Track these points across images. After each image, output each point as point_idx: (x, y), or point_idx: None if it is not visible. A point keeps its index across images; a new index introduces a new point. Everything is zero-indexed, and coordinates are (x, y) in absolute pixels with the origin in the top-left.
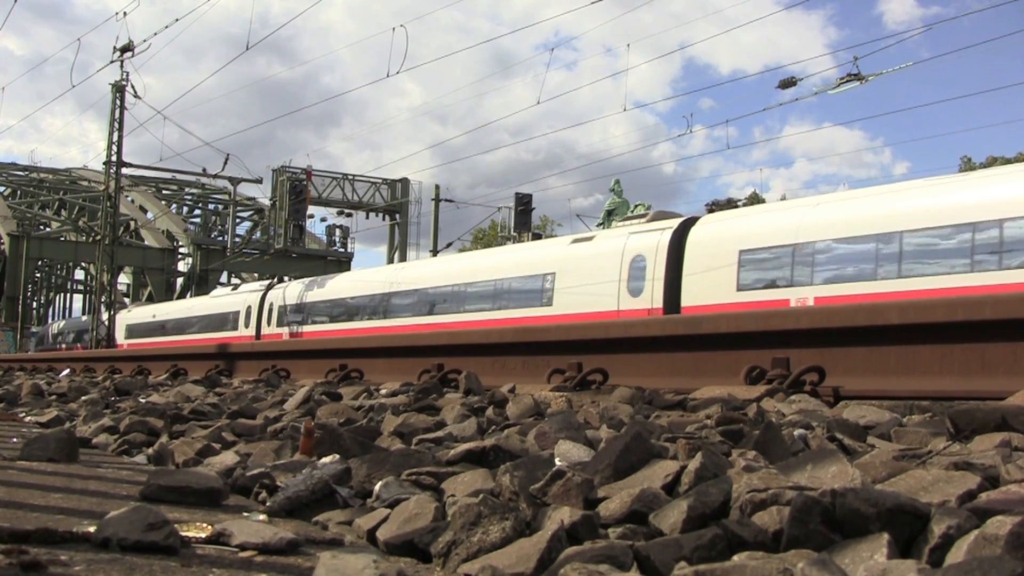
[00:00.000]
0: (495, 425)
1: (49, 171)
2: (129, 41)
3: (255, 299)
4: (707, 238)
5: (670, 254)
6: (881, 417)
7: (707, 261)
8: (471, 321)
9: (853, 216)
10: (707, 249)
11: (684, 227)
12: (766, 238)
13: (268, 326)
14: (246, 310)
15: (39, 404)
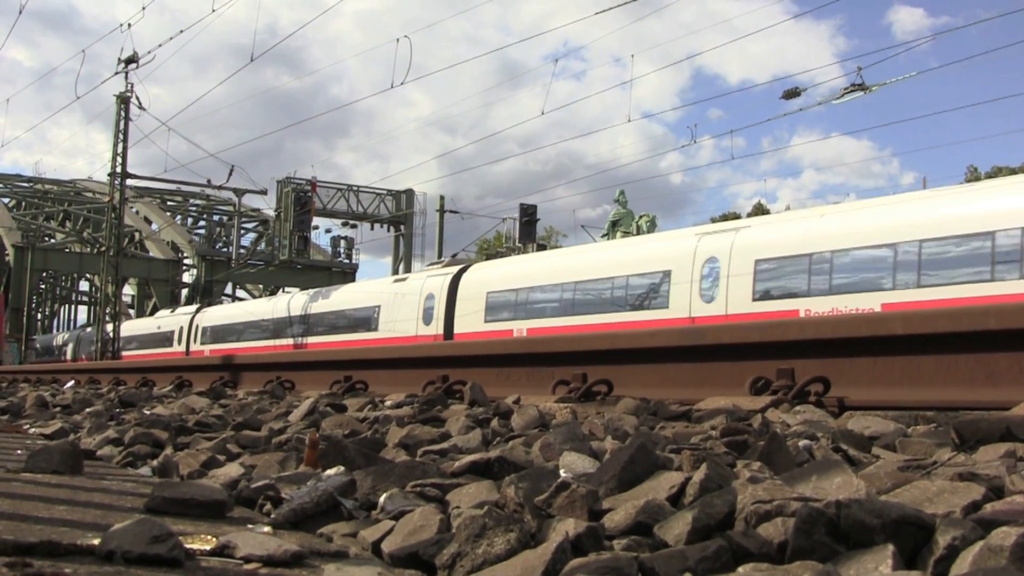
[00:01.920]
0: (500, 437)
1: (54, 182)
2: (134, 52)
3: (186, 321)
4: (469, 282)
5: (449, 293)
6: (886, 428)
7: (468, 300)
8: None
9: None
10: (468, 291)
11: (460, 273)
12: (502, 283)
13: (195, 343)
14: (179, 330)
15: (43, 416)
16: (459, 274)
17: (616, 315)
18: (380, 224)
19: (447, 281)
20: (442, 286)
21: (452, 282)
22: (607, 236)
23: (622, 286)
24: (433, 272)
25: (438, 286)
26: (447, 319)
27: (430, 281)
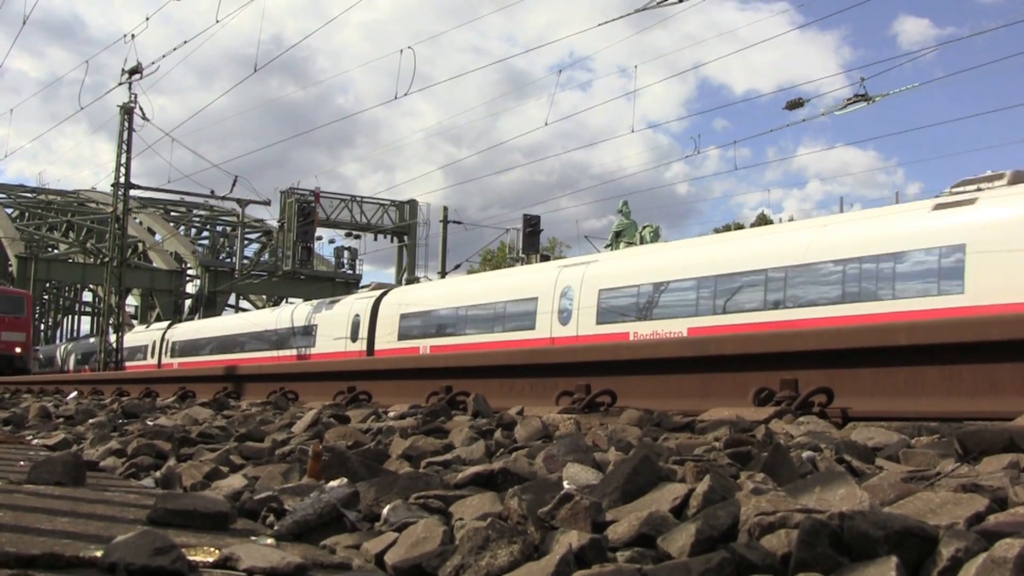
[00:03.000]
0: (503, 448)
1: (57, 193)
2: (137, 63)
3: (159, 335)
4: (387, 304)
5: (371, 314)
6: (889, 439)
7: (385, 320)
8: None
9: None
10: (386, 312)
11: (381, 296)
12: (412, 306)
13: (165, 357)
14: (152, 344)
15: (46, 427)
16: (380, 297)
17: (497, 335)
18: (384, 235)
19: (370, 303)
20: (366, 308)
21: (374, 304)
22: (611, 246)
23: (502, 310)
24: (361, 295)
25: (363, 308)
26: (369, 337)
27: (357, 303)
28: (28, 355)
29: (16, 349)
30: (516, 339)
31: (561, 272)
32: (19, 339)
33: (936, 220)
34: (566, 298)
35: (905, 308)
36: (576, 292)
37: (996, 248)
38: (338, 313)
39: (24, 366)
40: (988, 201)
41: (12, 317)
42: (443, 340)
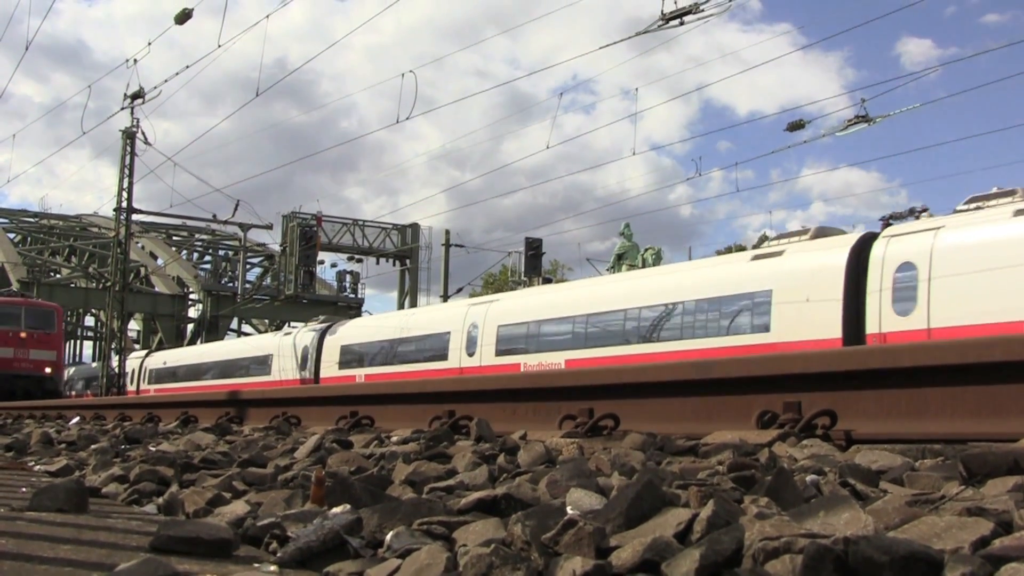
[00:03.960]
0: (506, 473)
1: (59, 217)
2: (140, 88)
3: (137, 364)
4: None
5: (318, 346)
6: (893, 461)
7: (329, 351)
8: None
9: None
10: (330, 343)
11: (326, 329)
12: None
13: (143, 383)
14: (132, 372)
15: (49, 452)
16: (325, 331)
17: (418, 365)
18: (386, 258)
19: (317, 336)
20: (314, 340)
21: (320, 337)
22: (612, 269)
23: (422, 343)
24: (309, 328)
25: (311, 340)
26: (316, 366)
27: (306, 335)
28: (60, 376)
29: (46, 369)
30: (432, 368)
31: (470, 309)
32: (49, 358)
33: (753, 269)
34: (472, 333)
35: (731, 344)
36: (480, 327)
37: (795, 294)
38: (290, 344)
39: (55, 388)
40: (792, 254)
41: (41, 333)
42: (375, 369)
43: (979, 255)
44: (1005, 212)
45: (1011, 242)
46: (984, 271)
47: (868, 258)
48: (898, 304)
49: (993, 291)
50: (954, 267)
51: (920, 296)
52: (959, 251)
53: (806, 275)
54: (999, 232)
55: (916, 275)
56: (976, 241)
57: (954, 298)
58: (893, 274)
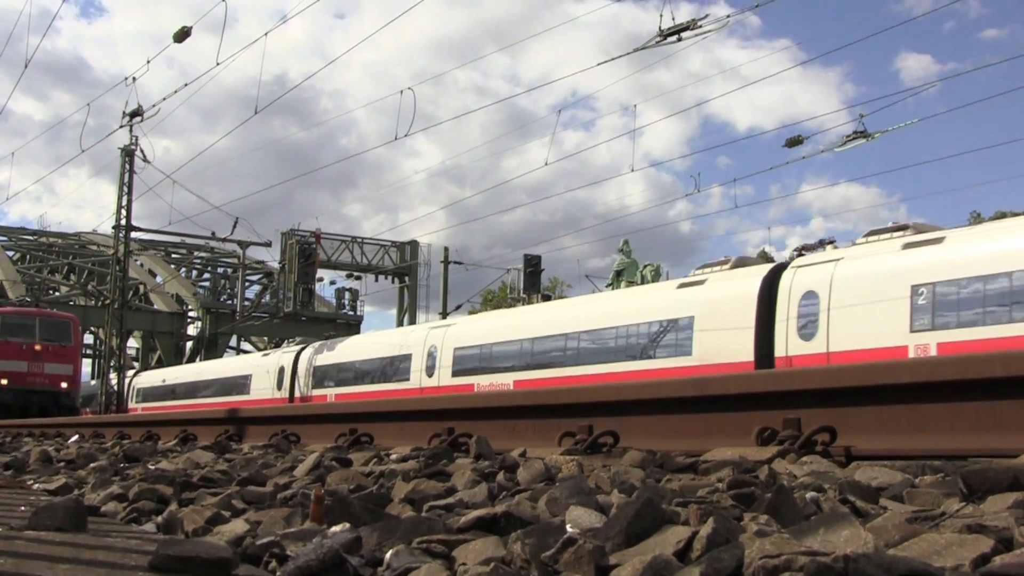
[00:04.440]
0: (506, 491)
1: (58, 235)
2: (139, 106)
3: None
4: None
5: (293, 367)
6: (893, 478)
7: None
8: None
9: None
10: (303, 365)
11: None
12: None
13: (131, 402)
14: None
15: (47, 471)
16: (299, 352)
17: (381, 385)
18: (385, 276)
19: (292, 357)
20: (289, 361)
21: (295, 358)
22: (612, 286)
23: (386, 364)
24: (285, 350)
25: (287, 361)
26: (291, 386)
27: (283, 357)
28: (76, 391)
29: (62, 384)
30: (396, 388)
31: (430, 333)
32: (65, 372)
33: (679, 297)
34: (432, 355)
35: (657, 367)
36: (439, 350)
37: (714, 321)
38: (268, 365)
39: (72, 404)
40: (713, 283)
41: (57, 346)
42: (344, 389)
43: (869, 285)
44: (895, 246)
45: (895, 274)
46: (871, 300)
47: (778, 287)
48: (802, 330)
49: (878, 318)
50: (849, 296)
51: (821, 323)
52: (853, 281)
53: (724, 303)
54: (886, 264)
55: (818, 303)
56: (868, 272)
57: (848, 324)
58: (798, 302)
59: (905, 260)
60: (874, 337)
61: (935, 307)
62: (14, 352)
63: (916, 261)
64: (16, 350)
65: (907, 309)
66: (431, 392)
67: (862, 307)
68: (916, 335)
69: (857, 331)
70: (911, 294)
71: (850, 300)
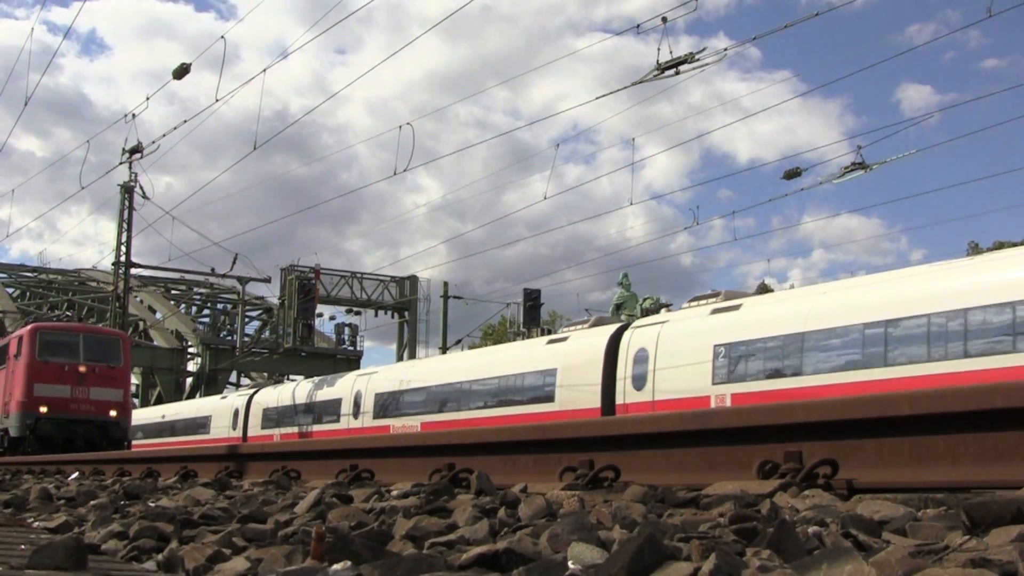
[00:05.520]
0: (507, 527)
1: (58, 272)
2: (138, 143)
3: None
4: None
5: (246, 408)
6: (896, 511)
7: (255, 414)
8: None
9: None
10: (255, 407)
11: (253, 394)
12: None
13: None
14: None
15: (47, 508)
16: (252, 395)
17: (317, 426)
18: (384, 311)
19: (246, 400)
20: (243, 403)
21: (248, 401)
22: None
23: (322, 407)
24: (240, 393)
25: (241, 403)
26: (244, 426)
27: (238, 399)
28: (127, 420)
29: (111, 412)
30: (327, 429)
31: (356, 380)
32: (115, 398)
33: (547, 351)
34: (357, 400)
35: (528, 411)
36: (363, 395)
37: (572, 373)
38: (225, 406)
39: (123, 436)
40: (573, 339)
41: (104, 367)
42: (284, 429)
43: (683, 344)
44: (706, 311)
45: (702, 335)
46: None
47: (619, 345)
48: (635, 381)
49: (690, 372)
50: (669, 353)
51: (649, 375)
52: (673, 341)
53: (579, 357)
54: (697, 327)
55: (647, 359)
56: (683, 333)
57: (668, 377)
58: (633, 358)
59: (710, 323)
60: (687, 388)
61: (730, 364)
62: (54, 375)
63: (718, 325)
64: (57, 372)
65: (710, 365)
66: (352, 432)
67: (678, 362)
68: (717, 387)
69: (675, 383)
70: (713, 353)
71: (670, 356)
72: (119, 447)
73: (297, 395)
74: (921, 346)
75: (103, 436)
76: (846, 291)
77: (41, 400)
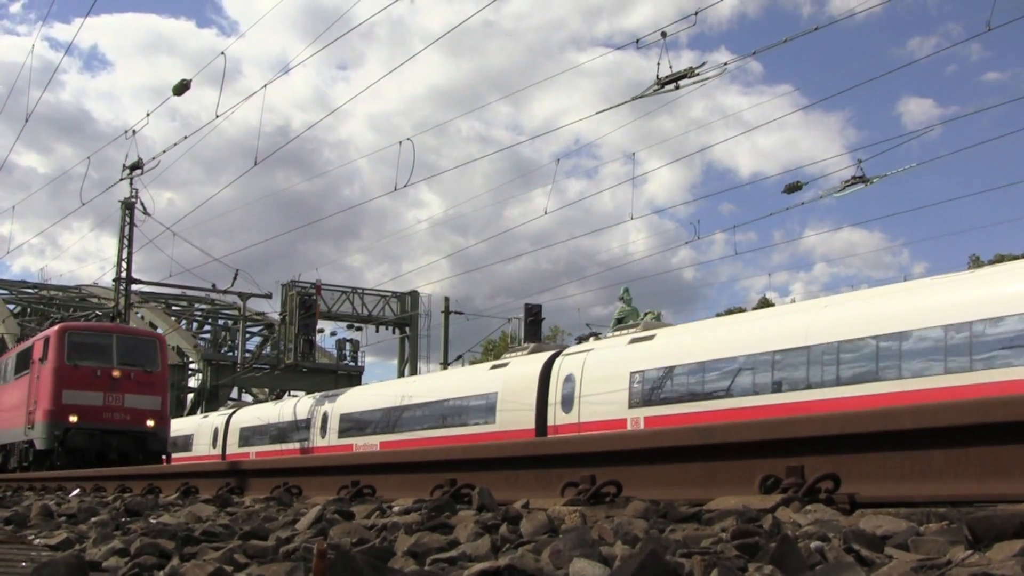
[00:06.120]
0: (509, 543)
1: (59, 288)
2: (139, 159)
3: None
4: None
5: (225, 428)
6: (898, 526)
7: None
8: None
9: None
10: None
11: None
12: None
13: None
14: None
15: (48, 525)
16: (231, 415)
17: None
18: (385, 326)
19: (225, 419)
20: (222, 422)
21: (227, 421)
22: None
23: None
24: (220, 413)
25: (221, 422)
26: (223, 445)
27: (217, 419)
28: (166, 430)
29: (148, 422)
30: (297, 447)
31: (324, 401)
32: (151, 406)
33: (490, 376)
34: (325, 420)
35: (472, 432)
36: (330, 416)
37: (511, 396)
38: (206, 425)
39: (161, 448)
40: (513, 365)
41: (140, 372)
42: (262, 447)
43: (605, 371)
44: (625, 340)
45: (620, 363)
46: (606, 382)
47: (551, 370)
48: (564, 404)
49: (609, 396)
50: (593, 379)
51: (575, 399)
52: (596, 367)
53: (517, 382)
54: (617, 355)
55: (574, 384)
56: (605, 361)
57: (592, 401)
58: (562, 383)
59: (628, 352)
60: (608, 411)
61: (643, 389)
62: (86, 380)
63: (635, 353)
64: (88, 378)
65: (627, 390)
66: (321, 451)
67: (600, 388)
68: (632, 410)
69: (597, 406)
70: (629, 379)
71: (593, 382)
72: (156, 460)
73: (271, 415)
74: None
75: (140, 448)
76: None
77: (71, 409)
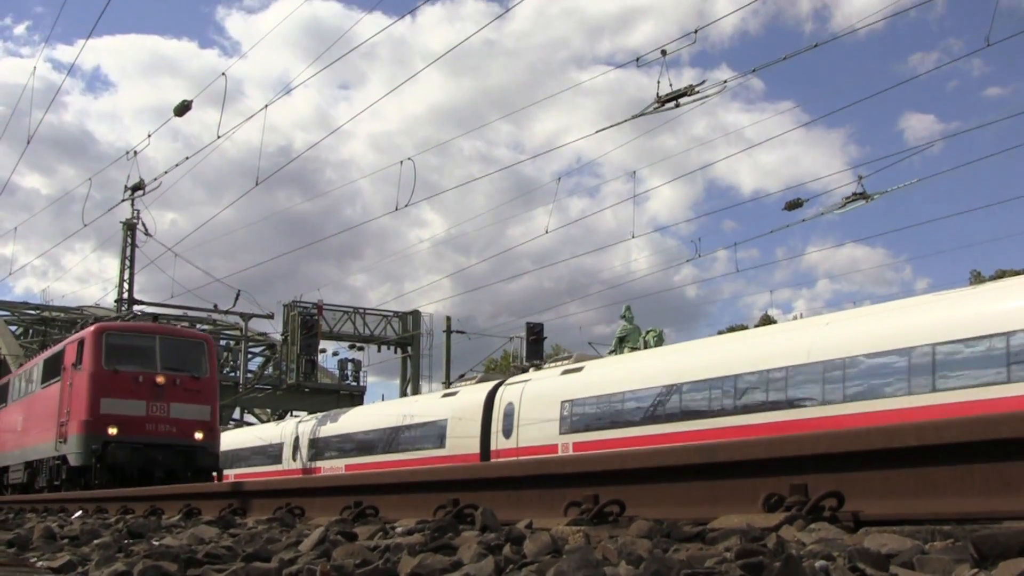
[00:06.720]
0: (513, 564)
1: (61, 309)
2: (140, 180)
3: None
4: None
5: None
6: (903, 544)
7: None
8: None
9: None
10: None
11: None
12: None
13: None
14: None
15: (51, 548)
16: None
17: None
18: (387, 346)
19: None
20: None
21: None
22: (614, 352)
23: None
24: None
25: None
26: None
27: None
28: (216, 444)
29: (196, 435)
30: (270, 470)
31: (295, 426)
32: (200, 416)
33: (441, 403)
34: (296, 444)
35: (423, 456)
36: (302, 439)
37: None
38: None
39: (212, 464)
40: (462, 394)
41: (187, 378)
42: (239, 470)
43: (540, 400)
44: (558, 372)
45: (553, 392)
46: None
47: (494, 399)
48: (504, 431)
49: (543, 424)
50: (530, 407)
51: (514, 426)
52: (532, 397)
53: (465, 409)
54: (550, 386)
55: (514, 412)
56: (540, 391)
57: (529, 428)
58: (503, 411)
59: (560, 383)
60: (542, 437)
61: (572, 417)
62: (127, 387)
63: (565, 384)
64: (129, 385)
65: (557, 418)
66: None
67: (536, 416)
68: (563, 436)
69: (533, 433)
70: (560, 408)
71: (530, 410)
72: (207, 478)
73: (243, 439)
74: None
75: (188, 464)
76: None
77: (110, 419)
